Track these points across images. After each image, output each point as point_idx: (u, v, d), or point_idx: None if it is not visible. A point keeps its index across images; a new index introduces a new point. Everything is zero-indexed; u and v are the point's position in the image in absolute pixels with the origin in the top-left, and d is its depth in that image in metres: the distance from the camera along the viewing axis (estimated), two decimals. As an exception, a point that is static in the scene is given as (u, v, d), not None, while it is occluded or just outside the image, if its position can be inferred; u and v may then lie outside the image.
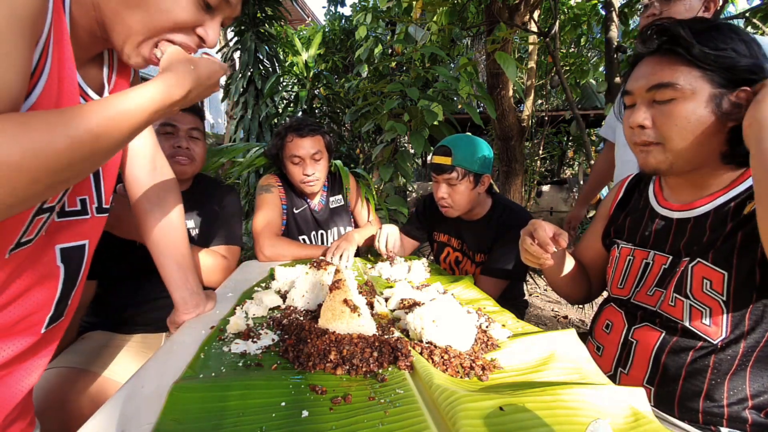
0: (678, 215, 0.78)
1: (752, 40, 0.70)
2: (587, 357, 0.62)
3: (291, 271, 1.08)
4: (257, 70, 3.70)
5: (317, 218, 1.60)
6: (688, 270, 0.72)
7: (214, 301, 0.94)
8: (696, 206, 0.75)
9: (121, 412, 0.52)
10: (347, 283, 0.76)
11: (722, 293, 0.68)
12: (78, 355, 1.02)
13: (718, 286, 0.68)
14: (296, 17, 9.49)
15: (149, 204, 0.86)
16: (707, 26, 0.71)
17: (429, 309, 0.72)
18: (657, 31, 0.74)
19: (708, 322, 0.69)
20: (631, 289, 0.83)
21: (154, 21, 0.53)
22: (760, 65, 0.67)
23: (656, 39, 0.73)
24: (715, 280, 0.69)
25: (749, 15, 2.44)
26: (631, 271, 0.84)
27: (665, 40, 0.72)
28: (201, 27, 0.58)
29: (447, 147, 1.30)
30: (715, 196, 0.74)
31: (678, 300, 0.73)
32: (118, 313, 1.14)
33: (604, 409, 0.48)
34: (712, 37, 0.69)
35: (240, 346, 0.69)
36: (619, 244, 0.89)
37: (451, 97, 2.32)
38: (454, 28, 2.99)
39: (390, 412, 0.50)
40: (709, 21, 0.72)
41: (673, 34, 0.71)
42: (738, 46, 0.68)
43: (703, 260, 0.70)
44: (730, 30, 0.70)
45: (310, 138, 1.47)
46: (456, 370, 0.62)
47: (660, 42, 0.73)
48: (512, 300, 1.43)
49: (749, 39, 0.70)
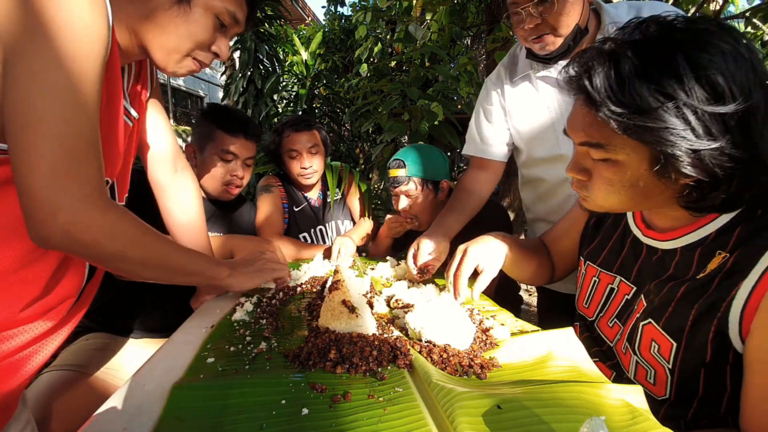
0: (652, 243, 0.69)
1: (737, 58, 0.49)
2: (584, 356, 0.63)
3: (294, 272, 1.10)
4: (257, 70, 3.70)
5: (316, 214, 1.62)
6: (639, 327, 0.65)
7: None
8: (668, 238, 0.65)
9: (123, 410, 0.52)
10: (346, 283, 0.77)
11: (668, 361, 0.61)
12: (78, 356, 1.02)
13: (666, 353, 0.61)
14: (296, 17, 9.49)
15: (171, 203, 0.95)
16: (639, 66, 0.50)
17: (428, 308, 0.73)
18: (567, 77, 0.59)
19: (652, 381, 0.64)
20: (595, 312, 0.78)
21: (186, 44, 0.66)
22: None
23: (571, 83, 0.58)
24: (663, 346, 0.61)
25: (749, 15, 2.44)
26: (596, 293, 0.79)
27: (582, 92, 0.56)
28: (215, 44, 0.70)
29: (400, 159, 1.35)
30: (683, 230, 0.63)
31: (628, 351, 0.67)
32: (119, 316, 1.15)
33: (601, 407, 0.48)
34: (647, 85, 0.49)
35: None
36: (585, 260, 0.83)
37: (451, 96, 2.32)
38: (454, 28, 2.99)
39: (389, 410, 0.51)
40: (651, 46, 0.51)
41: (583, 86, 0.55)
42: (693, 90, 0.48)
43: (654, 323, 0.63)
44: (690, 57, 0.48)
45: (306, 132, 1.51)
46: (455, 368, 0.62)
47: (577, 90, 0.57)
48: (506, 295, 1.42)
49: (735, 57, 0.49)
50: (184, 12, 0.64)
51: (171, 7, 0.63)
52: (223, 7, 0.67)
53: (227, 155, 1.25)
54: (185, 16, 0.64)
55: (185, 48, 0.67)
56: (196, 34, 0.66)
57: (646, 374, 0.65)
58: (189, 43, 0.66)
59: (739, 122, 0.49)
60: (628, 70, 0.51)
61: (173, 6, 0.63)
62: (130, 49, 0.67)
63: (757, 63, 0.50)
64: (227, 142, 1.25)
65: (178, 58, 0.68)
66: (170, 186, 0.94)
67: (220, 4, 0.66)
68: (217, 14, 0.67)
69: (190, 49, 0.67)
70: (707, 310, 0.57)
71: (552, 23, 0.95)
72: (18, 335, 0.58)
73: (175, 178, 0.94)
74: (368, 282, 1.03)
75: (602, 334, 0.76)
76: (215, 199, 1.34)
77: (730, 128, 0.49)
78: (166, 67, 0.68)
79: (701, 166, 0.50)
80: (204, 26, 0.66)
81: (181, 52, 0.67)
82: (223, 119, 1.27)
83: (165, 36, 0.64)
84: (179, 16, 0.64)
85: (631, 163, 0.56)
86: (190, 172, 0.99)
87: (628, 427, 0.45)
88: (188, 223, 0.97)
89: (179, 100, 10.44)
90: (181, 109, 10.11)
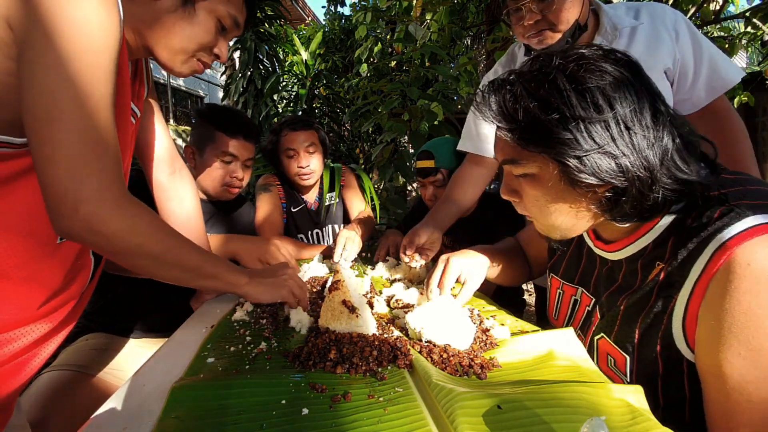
0: (602, 254, 0.69)
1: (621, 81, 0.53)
2: (585, 356, 0.63)
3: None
4: (257, 70, 3.70)
5: (313, 216, 1.61)
6: (595, 342, 0.67)
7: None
8: (614, 249, 0.66)
9: (122, 410, 0.52)
10: (346, 283, 0.77)
11: (625, 374, 0.61)
12: (78, 356, 1.02)
13: (621, 366, 0.62)
14: (296, 17, 9.49)
15: (170, 204, 0.96)
16: (527, 87, 0.56)
17: (428, 308, 0.73)
18: (475, 106, 0.63)
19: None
20: (563, 324, 0.79)
21: (190, 45, 0.68)
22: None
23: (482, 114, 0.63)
24: (618, 360, 0.62)
25: (749, 15, 2.43)
26: (562, 305, 0.79)
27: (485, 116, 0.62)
28: (216, 47, 0.72)
29: (428, 151, 1.42)
30: (625, 241, 0.64)
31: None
32: (119, 316, 1.15)
33: (601, 407, 0.48)
34: (534, 102, 0.55)
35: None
36: (549, 272, 0.84)
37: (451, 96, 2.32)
38: (454, 27, 2.99)
39: (389, 410, 0.51)
40: (536, 71, 0.57)
41: (481, 113, 0.61)
42: (576, 107, 0.52)
43: (607, 337, 0.64)
44: (570, 75, 0.53)
45: (303, 131, 1.51)
46: (455, 368, 0.62)
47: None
48: (510, 299, 1.44)
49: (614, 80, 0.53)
50: (188, 15, 0.66)
51: (176, 9, 0.65)
52: (225, 11, 0.69)
53: (227, 156, 1.25)
54: (189, 19, 0.67)
55: (190, 49, 0.69)
56: (199, 36, 0.68)
57: None
58: (193, 44, 0.69)
59: (620, 130, 0.52)
60: (518, 92, 0.57)
61: (178, 9, 0.65)
62: (134, 49, 0.69)
63: (638, 79, 0.54)
64: (227, 143, 1.25)
65: (183, 59, 0.70)
66: (168, 186, 0.94)
67: (222, 9, 0.69)
68: (219, 18, 0.70)
69: (194, 51, 0.70)
70: (651, 324, 0.57)
71: (551, 19, 0.96)
72: (22, 337, 0.58)
73: (173, 178, 0.95)
74: (368, 282, 1.03)
75: None
76: (215, 200, 1.34)
77: (612, 135, 0.52)
78: (172, 67, 0.70)
79: (591, 171, 0.53)
80: (207, 29, 0.69)
81: (185, 53, 0.69)
82: (222, 120, 1.26)
83: (170, 37, 0.67)
84: (184, 19, 0.66)
85: (544, 175, 0.59)
86: (188, 173, 0.99)
87: (628, 427, 0.45)
88: (186, 223, 0.97)
89: (179, 100, 10.43)
90: (181, 109, 10.09)
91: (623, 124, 0.52)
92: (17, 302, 0.57)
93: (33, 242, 0.57)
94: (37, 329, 0.60)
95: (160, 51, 0.68)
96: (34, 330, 0.60)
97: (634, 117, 0.52)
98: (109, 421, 0.50)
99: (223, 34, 0.72)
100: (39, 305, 0.59)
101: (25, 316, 0.58)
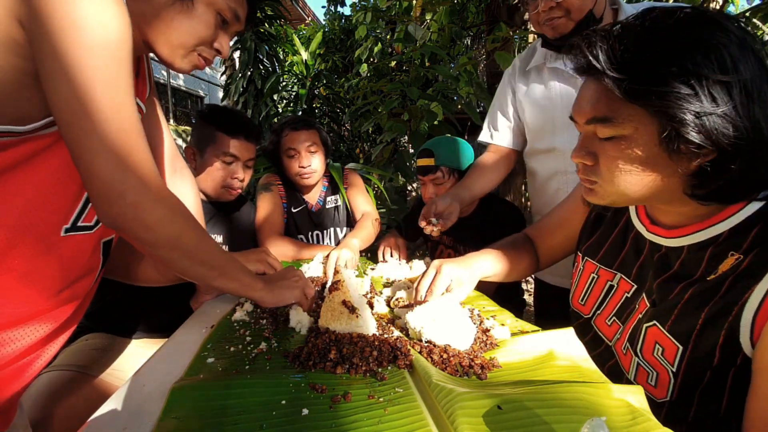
0: (656, 239, 0.67)
1: (742, 41, 0.50)
2: (585, 356, 0.63)
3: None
4: (257, 70, 3.71)
5: (314, 218, 1.61)
6: (642, 329, 0.64)
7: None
8: (674, 235, 0.63)
9: (122, 411, 0.52)
10: (346, 283, 0.77)
11: (673, 364, 0.59)
12: (78, 356, 1.02)
13: (670, 357, 0.59)
14: (296, 17, 9.48)
15: None
16: (643, 36, 0.52)
17: (428, 308, 0.73)
18: (572, 49, 0.60)
19: (653, 383, 0.62)
20: (592, 309, 0.77)
21: (190, 39, 0.67)
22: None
23: (576, 60, 0.59)
24: (668, 349, 0.60)
25: (749, 15, 2.43)
26: (594, 290, 0.77)
27: (585, 64, 0.57)
28: (216, 41, 0.71)
29: (429, 149, 1.42)
30: (693, 227, 0.61)
31: (629, 352, 0.66)
32: (119, 316, 1.15)
33: (602, 407, 0.48)
34: (652, 53, 0.51)
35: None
36: (584, 256, 0.82)
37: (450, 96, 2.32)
38: (454, 27, 2.99)
39: (389, 411, 0.51)
40: (651, 22, 0.53)
41: (586, 58, 0.56)
42: (700, 64, 0.49)
43: (660, 325, 0.61)
44: (689, 33, 0.50)
45: (304, 131, 1.50)
46: (455, 368, 0.62)
47: (582, 66, 0.58)
48: (510, 299, 1.44)
49: (736, 38, 0.50)
50: (187, 8, 0.66)
51: (174, 3, 0.64)
52: (224, 3, 0.69)
53: (228, 157, 1.25)
54: (188, 13, 0.66)
55: (190, 44, 0.68)
56: (199, 30, 0.68)
57: (647, 376, 0.64)
58: (193, 38, 0.68)
59: (742, 95, 0.49)
60: (631, 42, 0.53)
61: (176, 2, 0.65)
62: (135, 45, 0.68)
63: (758, 51, 0.51)
64: (228, 144, 1.25)
65: (183, 54, 0.69)
66: (169, 186, 0.93)
67: (222, 1, 0.68)
68: (218, 11, 0.69)
69: (194, 45, 0.69)
70: (717, 314, 0.55)
71: (566, 6, 0.99)
72: (24, 337, 0.58)
73: (173, 178, 0.94)
74: (368, 282, 1.03)
75: (600, 332, 0.75)
76: (215, 201, 1.34)
77: (733, 98, 0.49)
78: (173, 62, 0.70)
79: (706, 133, 0.50)
80: (206, 22, 0.68)
81: (185, 48, 0.68)
82: (223, 121, 1.26)
83: (170, 32, 0.66)
84: (182, 13, 0.65)
85: (638, 138, 0.55)
86: (189, 173, 0.99)
87: (628, 427, 0.45)
88: None
89: (179, 100, 10.43)
90: (181, 109, 10.09)
91: (744, 90, 0.49)
92: (18, 297, 0.57)
93: (32, 236, 0.57)
94: (40, 329, 0.60)
95: (160, 46, 0.67)
96: (37, 330, 0.60)
97: (754, 85, 0.49)
98: (109, 421, 0.50)
99: (223, 28, 0.71)
100: (41, 300, 0.59)
101: (27, 312, 0.58)
